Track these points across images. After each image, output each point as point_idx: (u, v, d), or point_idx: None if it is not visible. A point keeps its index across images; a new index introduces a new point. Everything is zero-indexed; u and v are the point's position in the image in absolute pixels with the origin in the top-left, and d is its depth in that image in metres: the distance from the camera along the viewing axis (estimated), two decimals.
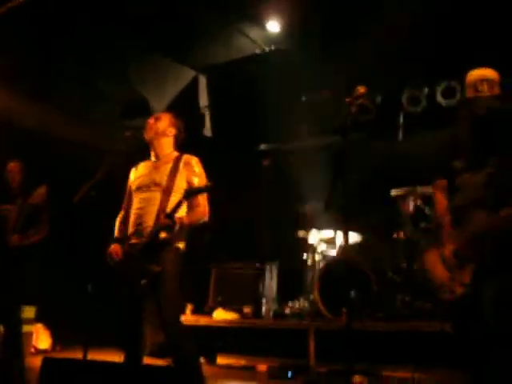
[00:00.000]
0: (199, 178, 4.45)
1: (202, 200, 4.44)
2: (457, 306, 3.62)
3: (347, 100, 3.68)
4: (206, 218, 4.46)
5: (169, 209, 4.24)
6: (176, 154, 4.63)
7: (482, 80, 3.67)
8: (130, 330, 4.42)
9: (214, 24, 7.49)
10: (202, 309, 7.30)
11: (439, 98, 7.00)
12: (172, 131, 4.68)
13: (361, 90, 3.78)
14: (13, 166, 5.89)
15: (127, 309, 4.38)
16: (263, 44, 8.04)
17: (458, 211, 3.68)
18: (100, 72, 7.73)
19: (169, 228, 4.19)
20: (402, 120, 7.08)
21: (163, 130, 4.65)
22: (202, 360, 6.69)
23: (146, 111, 8.17)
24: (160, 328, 4.29)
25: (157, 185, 4.43)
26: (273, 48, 8.05)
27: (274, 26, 7.58)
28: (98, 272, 4.57)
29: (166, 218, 4.17)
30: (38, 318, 7.03)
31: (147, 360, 5.56)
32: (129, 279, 4.30)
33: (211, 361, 6.76)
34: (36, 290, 6.31)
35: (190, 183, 4.41)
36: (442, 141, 4.04)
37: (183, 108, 8.46)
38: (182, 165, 4.49)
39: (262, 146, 8.39)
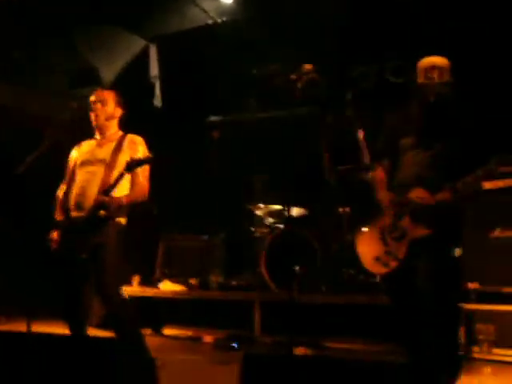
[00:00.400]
0: (142, 155, 4.46)
1: (143, 178, 4.47)
2: (392, 278, 3.74)
3: (292, 77, 3.71)
4: (145, 196, 4.50)
5: (110, 182, 4.26)
6: (121, 133, 4.65)
7: (433, 67, 3.74)
8: (71, 302, 4.45)
9: None
10: (149, 280, 7.32)
11: (389, 76, 7.07)
12: (119, 111, 4.68)
13: (307, 67, 3.81)
14: None
15: (68, 281, 4.40)
16: (216, 15, 7.98)
17: (399, 187, 3.80)
18: (48, 42, 7.57)
19: (105, 206, 4.21)
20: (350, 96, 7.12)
21: (111, 113, 4.64)
22: (148, 331, 6.77)
23: (95, 80, 8.09)
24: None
25: (100, 161, 4.44)
26: (225, 19, 7.98)
27: None
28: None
29: (105, 195, 4.20)
30: None
31: (94, 332, 5.59)
32: (69, 252, 4.32)
33: (158, 332, 6.80)
34: None
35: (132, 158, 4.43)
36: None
37: (133, 77, 8.41)
38: (126, 143, 4.53)
39: (212, 118, 8.34)
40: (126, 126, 5.51)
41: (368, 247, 3.93)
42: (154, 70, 8.72)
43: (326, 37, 7.04)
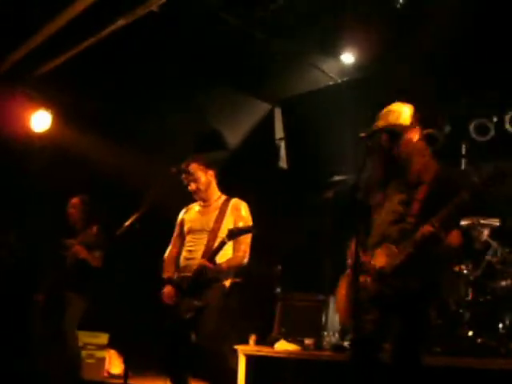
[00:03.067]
0: (244, 222, 4.62)
1: (244, 245, 4.65)
2: (364, 341, 3.58)
3: (362, 135, 3.66)
4: (245, 263, 4.67)
5: (213, 249, 4.51)
6: (224, 197, 4.84)
7: (388, 112, 3.76)
8: (173, 358, 4.61)
9: (287, 58, 7.61)
10: (266, 340, 7.34)
11: (507, 126, 6.79)
12: (211, 174, 4.87)
13: (379, 123, 3.77)
14: (73, 202, 6.23)
15: (170, 338, 4.58)
16: (337, 76, 8.06)
17: (370, 249, 3.72)
18: (173, 107, 8.00)
19: (205, 272, 4.47)
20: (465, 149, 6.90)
21: (206, 182, 4.83)
22: None
23: (220, 144, 8.41)
24: None
25: (205, 229, 4.70)
26: (346, 79, 8.05)
27: (348, 57, 7.59)
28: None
29: (208, 260, 4.45)
30: (111, 345, 7.30)
31: None
32: (176, 311, 4.53)
33: None
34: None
35: (235, 225, 4.59)
36: None
37: (258, 140, 8.66)
38: (229, 209, 4.71)
39: (335, 178, 8.35)
40: (251, 187, 5.71)
41: (345, 309, 3.83)
42: (280, 132, 8.93)
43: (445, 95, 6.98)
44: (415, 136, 3.74)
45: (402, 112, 3.74)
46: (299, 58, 7.67)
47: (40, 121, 7.37)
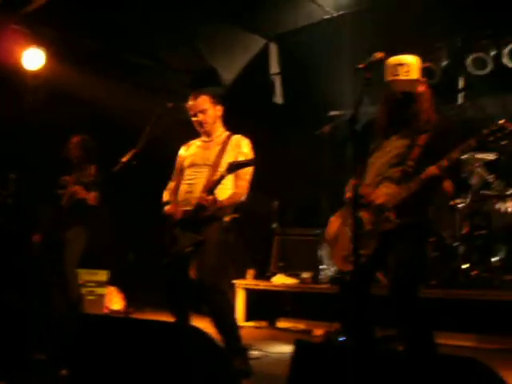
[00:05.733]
0: (245, 157, 4.62)
1: (244, 181, 4.66)
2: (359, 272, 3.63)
3: (359, 66, 3.64)
4: (243, 199, 4.70)
5: (214, 182, 4.48)
6: (226, 133, 4.84)
7: (399, 64, 3.78)
8: (173, 293, 4.68)
9: None
10: (264, 274, 7.45)
11: (505, 60, 6.73)
12: (220, 110, 4.87)
13: (378, 55, 3.73)
14: (73, 140, 6.23)
15: (171, 272, 4.63)
16: (332, 9, 7.93)
17: (368, 186, 3.85)
18: (167, 43, 7.90)
19: (205, 207, 4.46)
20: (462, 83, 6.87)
21: (213, 116, 4.83)
22: (263, 323, 6.94)
23: (215, 80, 8.33)
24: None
25: (206, 164, 4.69)
26: (342, 13, 7.92)
27: None
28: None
29: (208, 194, 4.43)
30: (111, 281, 7.40)
31: None
32: (175, 245, 4.57)
33: (272, 324, 6.94)
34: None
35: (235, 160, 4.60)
36: None
37: (253, 76, 8.58)
38: (231, 145, 4.71)
39: (331, 113, 8.33)
40: (247, 123, 5.69)
41: (337, 244, 4.02)
42: (275, 67, 8.84)
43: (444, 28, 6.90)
44: (422, 87, 3.86)
45: (411, 65, 3.81)
46: None
47: (33, 58, 7.25)
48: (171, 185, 4.95)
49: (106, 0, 6.85)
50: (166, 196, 4.91)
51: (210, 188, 4.46)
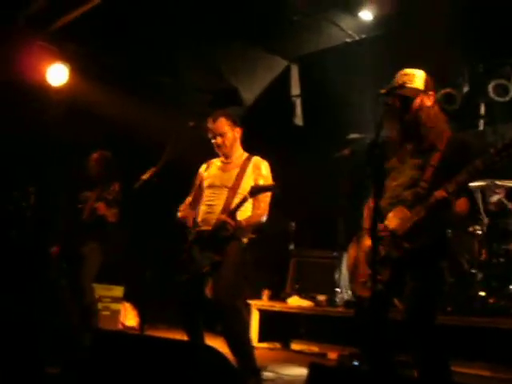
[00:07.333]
0: (264, 181, 4.65)
1: (264, 204, 4.68)
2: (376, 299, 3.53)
3: (382, 91, 3.64)
4: (263, 220, 4.72)
5: (233, 205, 4.54)
6: (246, 155, 4.86)
7: (404, 75, 3.77)
8: (189, 312, 4.68)
9: (305, 14, 7.52)
10: (280, 295, 7.43)
11: None
12: (238, 132, 4.90)
13: (399, 81, 3.74)
14: (95, 157, 6.26)
15: (186, 291, 4.64)
16: (354, 33, 7.97)
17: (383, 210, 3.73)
18: (190, 63, 7.96)
19: (226, 228, 4.49)
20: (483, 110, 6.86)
21: (232, 139, 4.86)
22: (277, 345, 6.91)
23: (236, 101, 8.38)
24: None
25: (225, 186, 4.73)
26: (364, 36, 7.96)
27: (366, 14, 7.49)
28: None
29: (228, 216, 4.48)
30: (127, 297, 7.41)
31: None
32: (193, 264, 4.59)
33: (285, 346, 6.92)
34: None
35: (255, 183, 4.62)
36: None
37: (274, 97, 8.62)
38: (250, 168, 4.73)
39: (352, 136, 8.32)
40: (266, 143, 5.70)
41: (356, 270, 3.89)
42: (296, 89, 8.88)
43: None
44: (428, 102, 3.74)
45: (415, 76, 3.75)
46: (317, 14, 7.55)
47: (57, 74, 7.34)
48: (188, 200, 4.99)
49: (131, 18, 6.92)
50: (180, 207, 4.95)
51: (232, 211, 4.49)
